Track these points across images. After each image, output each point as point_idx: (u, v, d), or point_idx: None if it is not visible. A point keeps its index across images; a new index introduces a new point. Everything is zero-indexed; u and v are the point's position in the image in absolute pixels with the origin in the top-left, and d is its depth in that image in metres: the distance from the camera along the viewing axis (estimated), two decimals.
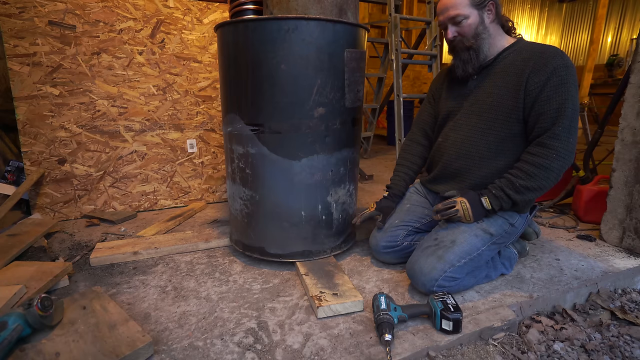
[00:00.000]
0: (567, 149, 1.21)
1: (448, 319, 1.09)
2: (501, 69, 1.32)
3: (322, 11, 1.39)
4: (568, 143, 1.20)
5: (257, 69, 1.33)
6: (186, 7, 2.12)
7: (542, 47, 1.27)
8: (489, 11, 1.30)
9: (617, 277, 1.46)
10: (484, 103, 1.34)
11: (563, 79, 1.20)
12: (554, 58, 1.21)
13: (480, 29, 1.30)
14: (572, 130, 1.21)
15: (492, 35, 1.32)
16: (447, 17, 1.31)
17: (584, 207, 1.99)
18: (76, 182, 2.05)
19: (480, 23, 1.30)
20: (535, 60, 1.24)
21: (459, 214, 1.29)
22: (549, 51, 1.24)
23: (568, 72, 1.20)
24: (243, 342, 1.07)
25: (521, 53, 1.29)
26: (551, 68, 1.20)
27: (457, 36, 1.32)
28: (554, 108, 1.20)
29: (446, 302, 1.13)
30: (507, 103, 1.29)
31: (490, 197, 1.28)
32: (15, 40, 1.81)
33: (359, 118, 1.53)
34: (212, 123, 2.31)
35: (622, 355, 1.10)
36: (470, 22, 1.29)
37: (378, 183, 2.95)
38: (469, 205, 1.29)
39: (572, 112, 1.20)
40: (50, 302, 1.05)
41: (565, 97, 1.20)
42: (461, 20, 1.28)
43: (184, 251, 1.67)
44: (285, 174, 1.41)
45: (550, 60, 1.21)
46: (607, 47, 8.24)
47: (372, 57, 4.88)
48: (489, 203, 1.28)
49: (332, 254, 1.55)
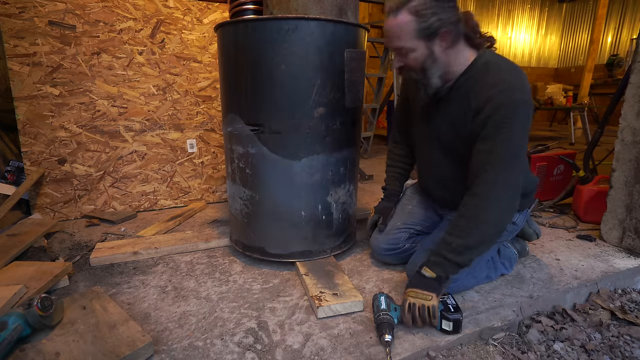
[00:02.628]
0: (501, 197, 1.08)
1: (448, 320, 1.09)
2: (456, 98, 1.19)
3: (322, 11, 1.39)
4: (502, 190, 1.07)
5: (257, 69, 1.33)
6: (186, 7, 2.12)
7: (494, 79, 1.10)
8: (442, 40, 1.10)
9: (617, 277, 1.46)
10: (443, 134, 1.26)
11: (503, 118, 1.05)
12: (500, 95, 1.06)
13: (428, 63, 1.13)
14: (507, 176, 1.08)
15: (446, 63, 1.15)
16: (391, 46, 1.16)
17: (584, 207, 1.99)
18: (76, 182, 2.05)
19: (428, 56, 1.12)
20: (482, 94, 1.10)
21: (418, 304, 1.09)
22: (498, 86, 1.08)
23: (514, 110, 1.05)
24: (243, 342, 1.07)
25: (475, 82, 1.14)
26: (494, 106, 1.07)
27: (404, 67, 1.18)
28: (487, 150, 1.08)
29: (446, 303, 1.13)
30: (463, 136, 1.18)
31: (429, 265, 1.14)
32: (15, 40, 1.81)
33: (359, 118, 1.53)
34: (212, 123, 2.31)
35: (622, 355, 1.10)
36: (416, 56, 1.12)
37: (378, 183, 2.95)
38: (417, 288, 1.12)
39: (509, 155, 1.07)
40: (50, 302, 1.05)
41: (503, 138, 1.06)
42: (406, 52, 1.13)
43: (184, 251, 1.67)
44: (285, 174, 1.40)
45: (495, 97, 1.07)
46: (607, 47, 8.24)
47: (372, 57, 4.87)
48: (430, 271, 1.13)
49: (332, 254, 1.55)
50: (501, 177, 1.08)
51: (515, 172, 1.10)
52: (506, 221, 1.14)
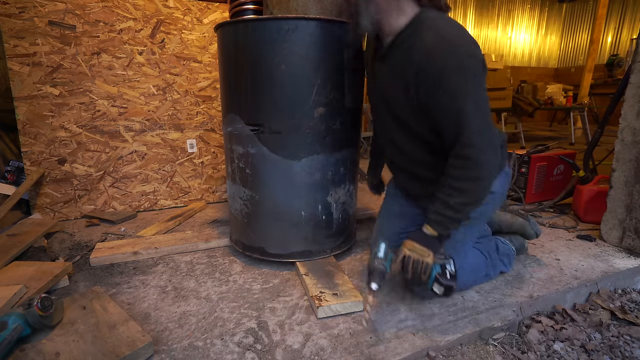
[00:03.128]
0: (485, 154, 1.08)
1: (441, 284, 1.09)
2: (398, 56, 1.13)
3: (322, 11, 1.39)
4: (483, 147, 1.06)
5: (257, 69, 1.33)
6: (186, 7, 2.12)
7: (436, 34, 1.04)
8: None
9: (617, 277, 1.46)
10: (388, 96, 1.20)
11: (455, 82, 1.02)
12: (442, 57, 1.02)
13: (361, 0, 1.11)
14: (482, 131, 1.06)
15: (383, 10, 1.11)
16: None
17: (584, 207, 1.99)
18: (76, 182, 2.05)
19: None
20: (421, 58, 1.05)
21: (414, 258, 1.10)
22: (442, 41, 1.03)
23: (460, 72, 1.02)
24: (243, 342, 1.07)
25: (417, 37, 1.07)
26: (437, 71, 1.02)
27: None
28: (453, 118, 1.06)
29: (444, 267, 1.12)
30: (402, 101, 1.15)
31: (431, 224, 1.14)
32: (15, 40, 1.81)
33: (359, 118, 1.53)
34: (212, 123, 2.31)
35: (622, 355, 1.10)
36: None
37: None
38: (416, 243, 1.12)
39: (473, 113, 1.04)
40: (50, 302, 1.05)
41: (462, 101, 1.03)
42: None
43: (184, 251, 1.67)
44: (285, 174, 1.40)
45: (436, 61, 1.02)
46: (607, 47, 8.24)
47: None
48: (431, 230, 1.13)
49: (332, 254, 1.55)
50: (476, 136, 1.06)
51: (486, 123, 1.08)
52: (494, 172, 1.14)
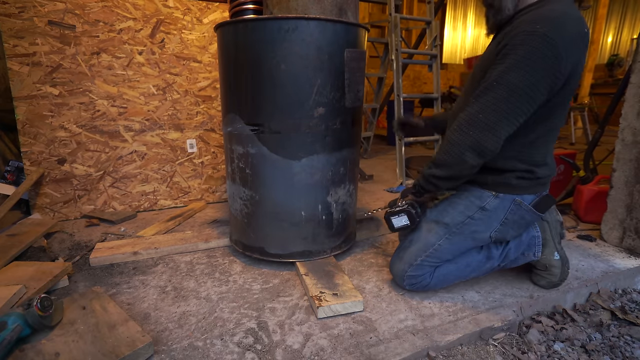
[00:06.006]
0: (469, 122, 1.04)
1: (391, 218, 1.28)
2: (501, 33, 1.12)
3: (322, 11, 1.39)
4: (474, 116, 1.03)
5: (257, 69, 1.33)
6: (186, 6, 2.12)
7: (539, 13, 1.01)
8: None
9: (618, 277, 1.46)
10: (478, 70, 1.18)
11: (515, 46, 0.99)
12: (529, 24, 0.99)
13: None
14: (489, 105, 1.01)
15: None
16: None
17: (584, 207, 1.99)
18: (76, 182, 2.04)
19: None
20: (514, 26, 1.04)
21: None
22: (536, 18, 1.00)
23: (530, 39, 0.97)
24: (243, 342, 1.07)
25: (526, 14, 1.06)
26: (513, 35, 1.00)
27: None
28: (488, 78, 1.03)
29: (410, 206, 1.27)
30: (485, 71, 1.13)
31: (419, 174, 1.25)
32: (15, 40, 1.81)
33: (359, 118, 1.53)
34: (212, 123, 2.30)
35: (623, 355, 1.09)
36: None
37: (378, 183, 2.95)
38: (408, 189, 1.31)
39: (499, 86, 1.00)
40: (50, 303, 1.04)
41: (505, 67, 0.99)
42: None
43: (183, 251, 1.67)
44: (285, 174, 1.40)
45: (521, 26, 1.00)
46: (608, 47, 8.25)
47: (372, 57, 4.88)
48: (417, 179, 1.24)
49: (332, 254, 1.55)
50: (479, 104, 1.02)
51: (502, 104, 1.00)
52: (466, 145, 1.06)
